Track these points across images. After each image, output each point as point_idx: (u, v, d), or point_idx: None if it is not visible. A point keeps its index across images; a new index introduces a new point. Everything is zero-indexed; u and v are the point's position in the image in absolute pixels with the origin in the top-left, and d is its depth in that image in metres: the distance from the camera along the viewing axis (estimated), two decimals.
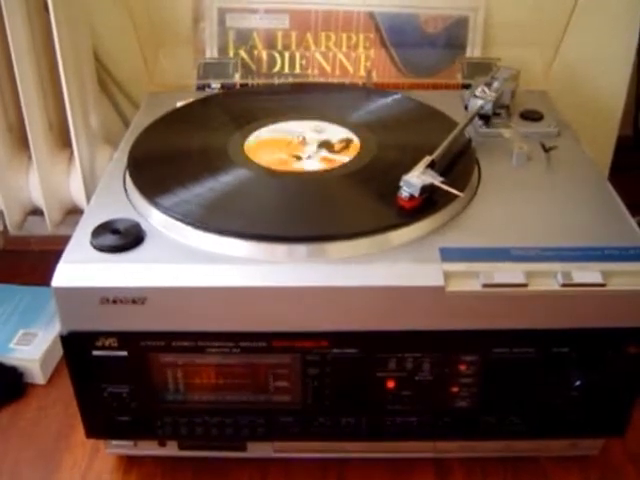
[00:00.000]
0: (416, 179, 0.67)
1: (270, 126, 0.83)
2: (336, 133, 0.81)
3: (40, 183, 0.93)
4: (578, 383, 0.68)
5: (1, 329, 0.92)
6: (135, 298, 0.63)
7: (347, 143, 0.79)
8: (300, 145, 0.78)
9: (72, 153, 0.92)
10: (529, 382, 0.69)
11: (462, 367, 0.67)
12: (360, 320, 0.65)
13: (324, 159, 0.76)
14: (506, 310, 0.64)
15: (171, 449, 0.77)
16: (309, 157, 0.76)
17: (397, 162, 0.73)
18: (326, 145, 0.79)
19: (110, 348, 0.66)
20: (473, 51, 0.99)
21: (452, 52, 0.99)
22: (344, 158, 0.76)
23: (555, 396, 0.70)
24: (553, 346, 0.66)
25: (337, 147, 0.78)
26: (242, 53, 1.00)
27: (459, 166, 0.75)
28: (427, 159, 0.70)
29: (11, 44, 0.83)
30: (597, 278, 0.63)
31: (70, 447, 0.81)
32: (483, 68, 0.94)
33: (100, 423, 0.72)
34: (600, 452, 0.78)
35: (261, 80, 1.00)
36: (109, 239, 0.66)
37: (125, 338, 0.66)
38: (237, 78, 0.97)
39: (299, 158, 0.76)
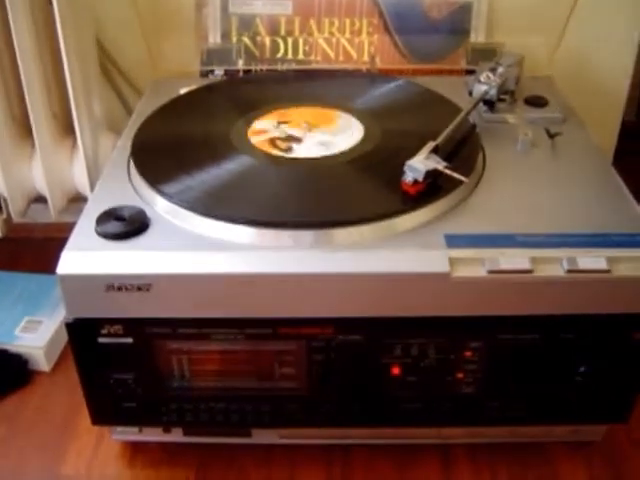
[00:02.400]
0: (420, 164, 0.67)
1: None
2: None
3: (43, 170, 0.93)
4: (583, 369, 0.69)
5: (6, 317, 0.92)
6: (140, 285, 0.63)
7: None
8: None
9: (75, 140, 0.92)
10: (534, 368, 0.69)
11: (467, 353, 0.68)
12: (365, 306, 0.65)
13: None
14: (511, 296, 0.64)
15: (176, 435, 0.77)
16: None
17: (401, 148, 0.73)
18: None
19: (115, 335, 0.66)
20: (477, 37, 0.99)
21: (456, 38, 0.99)
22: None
23: (560, 382, 0.70)
24: (558, 332, 0.66)
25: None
26: (245, 39, 0.99)
27: (464, 152, 0.75)
28: (431, 144, 0.70)
29: (14, 32, 0.83)
30: (602, 264, 0.63)
31: (75, 434, 0.81)
32: (487, 54, 0.94)
33: (105, 410, 0.72)
34: (604, 438, 0.78)
35: (264, 66, 0.99)
36: (114, 226, 0.66)
37: (130, 325, 0.66)
38: (240, 64, 0.97)
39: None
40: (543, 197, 0.70)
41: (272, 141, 0.77)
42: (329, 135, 0.78)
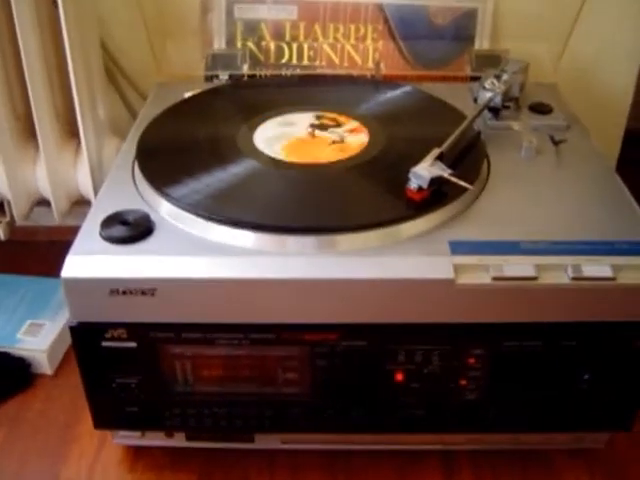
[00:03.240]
0: (425, 171, 0.67)
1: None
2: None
3: (47, 173, 0.92)
4: (586, 377, 0.68)
5: (8, 320, 0.92)
6: (144, 289, 0.63)
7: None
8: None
9: (79, 144, 0.92)
10: (537, 375, 0.69)
11: (471, 360, 0.67)
12: (369, 312, 0.65)
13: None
14: (515, 303, 0.64)
15: (178, 440, 0.77)
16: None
17: (406, 155, 0.73)
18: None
19: (119, 339, 0.66)
20: (482, 43, 0.99)
21: (461, 44, 0.99)
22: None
23: (563, 390, 0.70)
24: (562, 339, 0.66)
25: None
26: (250, 44, 1.00)
27: (468, 159, 0.75)
28: (436, 151, 0.70)
29: (19, 35, 0.83)
30: (607, 272, 0.63)
31: (77, 438, 0.81)
32: (492, 60, 0.94)
33: (108, 414, 0.72)
34: (606, 446, 0.78)
35: (269, 71, 0.99)
36: (118, 230, 0.66)
37: (134, 329, 0.66)
38: (245, 69, 0.97)
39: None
40: (547, 204, 0.70)
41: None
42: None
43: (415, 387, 0.69)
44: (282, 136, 0.79)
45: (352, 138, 0.78)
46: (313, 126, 0.80)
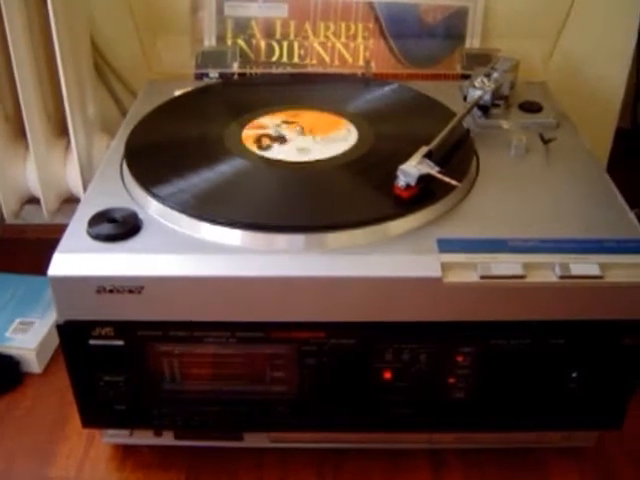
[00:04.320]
0: (413, 168, 0.67)
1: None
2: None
3: (37, 172, 0.92)
4: (575, 375, 0.69)
5: None
6: (132, 287, 0.63)
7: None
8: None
9: (69, 142, 0.92)
10: (526, 374, 0.69)
11: (459, 358, 0.67)
12: (357, 311, 0.64)
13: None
14: (503, 302, 0.64)
15: (167, 438, 0.77)
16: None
17: (395, 152, 0.73)
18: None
19: (107, 337, 0.66)
20: (472, 42, 0.99)
21: (451, 42, 0.99)
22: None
23: (552, 388, 0.70)
24: (550, 338, 0.66)
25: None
26: (240, 42, 0.99)
27: (457, 157, 0.75)
28: (424, 149, 0.70)
29: (8, 32, 0.83)
30: (595, 270, 0.63)
31: (66, 436, 0.81)
32: (482, 59, 0.94)
33: (96, 412, 0.72)
34: (596, 444, 0.78)
35: (259, 69, 0.99)
36: (106, 228, 0.66)
37: (122, 327, 0.66)
38: (235, 67, 0.97)
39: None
40: (536, 202, 0.70)
41: (260, 138, 0.77)
42: (315, 143, 0.77)
43: (403, 385, 0.69)
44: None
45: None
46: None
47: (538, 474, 0.76)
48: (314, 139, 0.78)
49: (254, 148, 0.75)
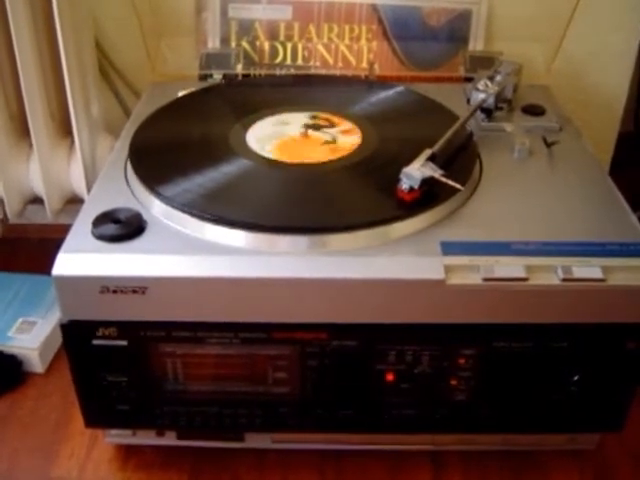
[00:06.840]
0: (416, 171, 0.67)
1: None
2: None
3: (41, 171, 0.92)
4: (576, 378, 0.69)
5: (0, 317, 0.92)
6: (135, 288, 0.63)
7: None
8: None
9: (73, 142, 0.92)
10: (528, 376, 0.69)
11: (461, 360, 0.68)
12: (360, 312, 0.65)
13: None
14: (506, 304, 0.64)
15: (169, 439, 0.77)
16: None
17: (398, 155, 0.73)
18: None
19: (110, 337, 0.66)
20: (475, 45, 0.99)
21: (455, 45, 0.99)
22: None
23: (554, 390, 0.70)
24: (552, 340, 0.66)
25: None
26: (244, 44, 1.00)
27: (460, 160, 0.75)
28: (428, 152, 0.70)
29: (13, 33, 0.83)
30: (597, 273, 0.63)
31: (68, 436, 0.81)
32: (485, 62, 0.94)
33: (99, 412, 0.72)
34: (597, 446, 0.78)
35: (263, 71, 0.99)
36: (110, 228, 0.66)
37: (125, 328, 0.66)
38: (239, 69, 0.97)
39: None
40: (539, 205, 0.70)
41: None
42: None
43: (405, 387, 0.69)
44: (275, 135, 0.79)
45: (345, 139, 0.78)
46: (307, 126, 0.80)
47: (539, 475, 0.77)
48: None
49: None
